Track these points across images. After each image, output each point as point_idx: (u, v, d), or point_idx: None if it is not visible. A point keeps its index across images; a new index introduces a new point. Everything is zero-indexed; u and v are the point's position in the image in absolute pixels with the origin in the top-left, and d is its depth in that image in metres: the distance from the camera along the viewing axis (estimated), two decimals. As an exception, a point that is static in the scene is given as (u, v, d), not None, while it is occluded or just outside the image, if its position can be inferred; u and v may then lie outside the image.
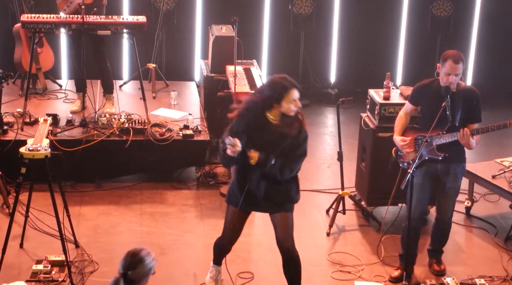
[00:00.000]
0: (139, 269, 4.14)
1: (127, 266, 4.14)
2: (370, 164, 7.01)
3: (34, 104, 8.54)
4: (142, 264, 4.15)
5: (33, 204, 6.26)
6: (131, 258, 4.16)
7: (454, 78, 5.78)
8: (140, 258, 4.16)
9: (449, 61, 5.76)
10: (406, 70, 10.60)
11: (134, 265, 4.14)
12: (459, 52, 5.84)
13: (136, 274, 4.13)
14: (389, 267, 6.31)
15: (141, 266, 4.14)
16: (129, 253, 4.19)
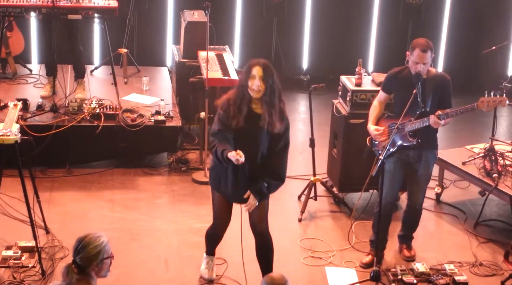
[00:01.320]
0: (86, 253, 4.02)
1: (75, 251, 4.06)
2: (342, 150, 7.03)
3: (3, 89, 8.45)
4: (89, 247, 4.03)
5: (2, 189, 6.21)
6: (77, 243, 4.06)
7: (422, 66, 5.82)
8: (86, 242, 4.05)
9: (417, 50, 5.79)
10: (378, 57, 10.63)
11: (81, 250, 4.04)
12: (428, 41, 5.87)
13: (84, 259, 4.03)
14: (360, 253, 6.34)
15: (88, 249, 4.03)
16: (77, 238, 4.10)
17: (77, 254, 4.04)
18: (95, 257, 4.05)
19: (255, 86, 5.27)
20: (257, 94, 5.30)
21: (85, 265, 4.04)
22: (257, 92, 5.29)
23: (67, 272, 4.06)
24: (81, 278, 4.05)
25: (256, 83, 5.27)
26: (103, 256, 4.08)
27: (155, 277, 5.92)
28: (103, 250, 4.08)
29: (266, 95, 5.31)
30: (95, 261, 4.05)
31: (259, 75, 5.27)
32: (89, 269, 4.05)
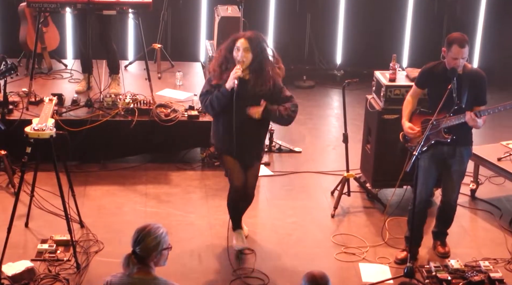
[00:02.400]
0: (145, 243, 4.09)
1: (135, 241, 4.12)
2: (376, 146, 6.99)
3: (39, 84, 8.53)
4: (148, 238, 4.09)
5: (38, 183, 6.27)
6: (137, 234, 4.12)
7: (461, 61, 5.76)
8: (146, 232, 4.11)
9: (454, 46, 5.72)
10: (412, 52, 10.55)
11: (140, 240, 4.11)
12: (464, 35, 5.80)
13: (143, 249, 4.09)
14: (393, 249, 6.31)
15: (148, 240, 4.09)
16: (137, 229, 4.16)
17: (137, 245, 4.10)
18: (155, 248, 4.11)
19: (239, 57, 5.68)
20: (243, 65, 5.69)
21: (144, 255, 4.10)
22: (242, 63, 5.68)
23: (127, 262, 4.12)
24: (140, 267, 4.11)
25: (240, 55, 5.68)
26: (162, 246, 4.14)
27: (189, 270, 5.94)
28: (162, 241, 4.14)
29: (253, 64, 5.74)
30: (155, 251, 4.11)
31: (244, 47, 5.69)
32: (149, 260, 4.11)
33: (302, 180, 7.56)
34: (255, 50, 5.72)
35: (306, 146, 8.31)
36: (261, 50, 5.75)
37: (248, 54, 5.71)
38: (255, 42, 5.73)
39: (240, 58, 5.70)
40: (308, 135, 8.63)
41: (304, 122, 8.97)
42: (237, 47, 5.72)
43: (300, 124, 8.89)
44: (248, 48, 5.70)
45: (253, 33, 5.80)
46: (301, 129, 8.77)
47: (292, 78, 10.26)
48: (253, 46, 5.72)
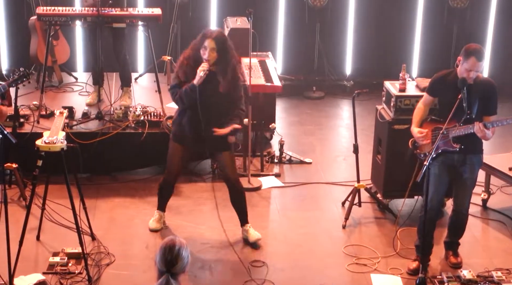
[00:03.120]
0: (181, 261, 4.06)
1: (169, 262, 4.04)
2: (386, 156, 6.98)
3: (50, 97, 8.57)
4: (181, 255, 4.07)
5: (49, 196, 6.29)
6: (170, 253, 4.05)
7: (475, 73, 5.74)
8: (178, 250, 4.07)
9: (472, 58, 5.69)
10: (422, 62, 10.55)
11: (175, 260, 4.04)
12: (482, 48, 5.77)
13: (179, 268, 4.06)
14: (405, 260, 6.29)
15: (182, 257, 4.07)
16: (165, 248, 4.07)
17: (173, 265, 4.04)
18: (187, 261, 4.11)
19: (205, 56, 6.00)
20: (210, 63, 6.01)
21: (178, 273, 4.07)
22: (208, 61, 6.00)
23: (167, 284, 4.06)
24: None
25: (207, 54, 5.99)
26: (189, 259, 4.15)
27: (200, 282, 5.93)
28: (188, 251, 4.14)
29: (218, 64, 6.04)
30: (187, 264, 4.12)
31: (211, 47, 5.98)
32: (180, 274, 4.09)
33: (312, 191, 7.55)
34: (221, 50, 6.02)
35: (317, 157, 8.31)
36: (226, 51, 6.06)
37: (214, 54, 6.00)
38: (221, 42, 6.02)
39: (206, 57, 6.00)
40: (318, 146, 8.62)
41: (314, 133, 8.97)
42: (204, 46, 6.01)
43: (310, 135, 8.90)
44: (215, 48, 5.99)
45: (219, 33, 6.11)
46: (311, 140, 8.77)
47: (302, 89, 10.28)
48: (218, 46, 6.01)
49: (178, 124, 6.29)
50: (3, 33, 9.85)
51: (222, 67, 6.07)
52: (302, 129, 9.07)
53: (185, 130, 6.22)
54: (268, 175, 7.80)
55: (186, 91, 6.07)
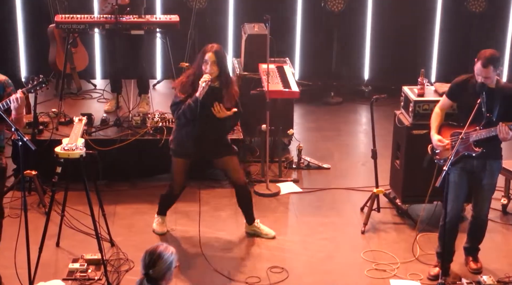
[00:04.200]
0: (159, 265, 4.12)
1: (147, 265, 4.13)
2: (405, 161, 6.95)
3: (68, 104, 8.61)
4: (161, 260, 4.13)
5: (68, 203, 6.32)
6: (149, 257, 4.14)
7: (485, 79, 5.72)
8: (158, 255, 4.14)
9: (478, 63, 5.71)
10: (440, 67, 10.51)
11: (153, 263, 4.12)
12: (493, 54, 5.71)
13: (157, 272, 4.12)
14: (424, 265, 6.26)
15: (160, 262, 4.12)
16: (146, 252, 4.18)
17: (150, 268, 4.10)
18: (168, 269, 4.14)
19: (208, 70, 6.10)
20: (212, 76, 6.11)
21: (158, 278, 4.10)
22: (211, 75, 6.10)
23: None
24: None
25: (208, 68, 6.10)
26: (173, 266, 4.18)
27: (219, 289, 5.94)
28: (173, 261, 4.17)
29: (220, 77, 6.17)
30: (168, 272, 4.14)
31: (212, 60, 6.10)
32: (161, 281, 4.12)
33: (331, 197, 7.53)
34: (220, 63, 6.15)
35: (335, 162, 8.29)
36: (225, 65, 6.22)
37: (215, 67, 6.12)
38: (220, 56, 6.16)
39: (208, 70, 6.11)
40: (336, 152, 8.61)
41: (333, 139, 8.95)
42: (205, 60, 6.13)
43: (328, 140, 8.88)
44: (215, 61, 6.12)
45: (219, 47, 6.22)
46: (329, 145, 8.75)
47: (320, 94, 10.27)
48: (219, 60, 6.14)
49: (178, 140, 6.38)
50: (22, 41, 9.92)
51: (224, 80, 6.21)
52: (320, 135, 9.06)
53: (186, 145, 6.30)
54: (286, 180, 7.80)
55: (190, 106, 6.13)
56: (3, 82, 5.56)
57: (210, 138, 6.28)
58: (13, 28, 9.86)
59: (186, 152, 6.35)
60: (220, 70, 6.17)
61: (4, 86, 5.54)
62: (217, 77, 6.19)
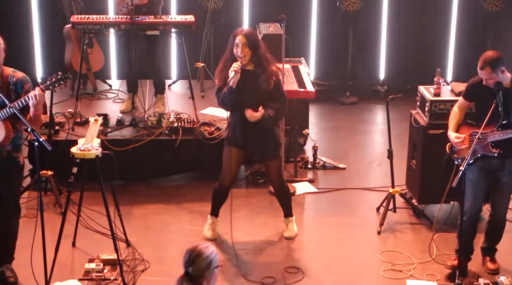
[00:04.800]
0: (198, 264, 4.09)
1: (187, 262, 4.12)
2: (421, 161, 6.92)
3: (84, 104, 8.64)
4: (200, 258, 4.10)
5: (84, 203, 6.34)
6: (189, 254, 4.13)
7: (485, 81, 5.71)
8: (197, 253, 4.12)
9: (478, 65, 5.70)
10: (457, 66, 10.46)
11: (192, 261, 4.11)
12: (490, 56, 5.70)
13: (196, 270, 4.10)
14: (441, 266, 6.22)
15: (200, 260, 4.10)
16: (187, 250, 4.17)
17: (189, 266, 4.10)
18: (207, 267, 4.12)
19: (239, 53, 6.02)
20: (244, 60, 6.03)
21: (197, 276, 4.10)
22: (243, 58, 6.02)
23: (180, 283, 4.11)
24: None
25: (239, 50, 6.02)
26: (213, 265, 4.15)
27: (234, 289, 5.94)
28: (213, 260, 4.15)
29: (253, 60, 6.06)
30: (207, 271, 4.12)
31: (242, 42, 6.02)
32: (201, 280, 4.11)
33: (347, 197, 7.51)
34: (252, 45, 6.05)
35: (351, 162, 8.26)
36: (258, 46, 6.10)
37: (246, 49, 6.03)
38: (251, 37, 6.07)
39: (239, 53, 6.02)
40: (352, 152, 8.58)
41: (348, 139, 8.92)
42: (236, 44, 6.05)
43: (344, 140, 8.86)
44: (246, 44, 6.02)
45: (249, 29, 6.24)
46: (345, 145, 8.73)
47: (335, 94, 10.24)
48: (249, 42, 6.03)
49: (230, 127, 6.35)
50: (38, 41, 9.96)
51: (257, 62, 6.11)
52: (335, 135, 9.04)
53: (236, 133, 6.27)
54: (302, 180, 7.78)
55: (225, 94, 6.11)
56: (21, 79, 5.57)
57: (255, 131, 6.19)
58: (29, 29, 9.90)
59: (236, 141, 6.29)
60: (253, 52, 6.07)
61: (22, 83, 5.55)
62: (251, 60, 6.10)
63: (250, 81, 6.09)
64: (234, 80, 6.04)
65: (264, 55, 6.14)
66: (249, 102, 6.10)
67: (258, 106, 6.09)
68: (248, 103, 6.10)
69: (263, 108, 6.10)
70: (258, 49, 6.11)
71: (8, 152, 5.63)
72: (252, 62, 6.11)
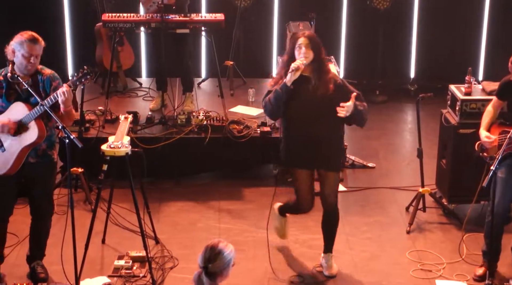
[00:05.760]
0: (218, 261, 4.18)
1: (207, 259, 4.18)
2: (451, 161, 6.88)
3: (115, 102, 8.69)
4: (221, 255, 4.19)
5: (114, 200, 6.37)
6: (210, 251, 4.20)
7: None
8: (219, 251, 4.20)
9: None
10: (488, 65, 10.36)
11: (213, 258, 4.18)
12: None
13: (216, 267, 4.17)
14: (471, 266, 6.18)
15: (220, 258, 4.19)
16: (207, 246, 4.24)
17: (209, 262, 4.16)
18: (227, 264, 4.20)
19: (302, 54, 5.58)
20: (307, 61, 5.59)
21: (217, 272, 4.18)
22: (306, 59, 5.59)
23: (198, 279, 4.19)
24: (211, 284, 4.18)
25: (303, 51, 5.59)
26: (231, 263, 4.24)
27: None
28: (231, 258, 4.23)
29: (315, 63, 5.64)
30: (227, 268, 4.20)
31: (305, 43, 5.60)
32: (218, 275, 4.19)
33: (376, 196, 7.48)
34: (315, 48, 5.64)
35: (380, 161, 8.23)
36: (320, 49, 5.69)
37: (309, 51, 5.61)
38: (314, 40, 5.68)
39: (302, 54, 5.60)
40: (381, 151, 8.54)
41: (378, 138, 8.88)
42: (298, 45, 5.64)
43: (373, 139, 8.82)
44: (309, 45, 5.61)
45: (311, 33, 5.82)
46: (374, 144, 8.69)
47: (365, 93, 10.07)
48: (313, 44, 5.64)
49: (286, 147, 5.86)
50: (69, 40, 10.03)
51: (317, 68, 5.67)
52: (364, 134, 8.99)
53: (294, 151, 5.80)
54: (331, 179, 7.74)
55: (277, 91, 5.66)
56: (49, 76, 5.61)
57: (318, 142, 5.72)
58: (61, 27, 9.97)
59: (300, 160, 5.80)
60: (315, 55, 5.63)
61: (50, 80, 5.60)
62: (311, 64, 5.65)
63: (305, 88, 5.66)
64: (292, 78, 5.57)
65: (324, 61, 5.74)
66: (305, 112, 5.67)
67: (315, 116, 5.66)
68: (304, 113, 5.68)
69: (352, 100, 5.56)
70: (321, 53, 5.68)
71: (43, 150, 5.68)
72: (311, 67, 5.66)
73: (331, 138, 5.79)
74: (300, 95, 5.66)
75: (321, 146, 5.74)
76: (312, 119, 5.68)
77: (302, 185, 5.92)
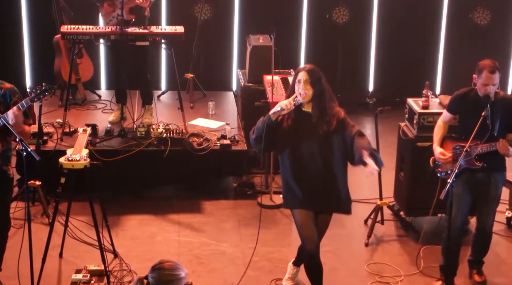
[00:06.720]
0: (159, 274, 4.05)
1: (152, 267, 4.12)
2: (409, 173, 6.95)
3: (73, 114, 8.62)
4: (164, 272, 4.05)
5: (72, 213, 6.32)
6: (158, 263, 4.11)
7: (492, 88, 5.74)
8: (165, 266, 4.08)
9: (484, 72, 5.71)
10: (445, 79, 10.50)
11: (157, 269, 4.08)
12: (494, 61, 5.78)
13: (155, 279, 4.06)
14: (428, 278, 6.24)
15: (163, 273, 4.06)
16: (161, 259, 4.15)
17: (152, 272, 4.09)
18: (165, 283, 4.06)
19: (301, 90, 5.40)
20: (305, 98, 5.41)
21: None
22: (304, 96, 5.41)
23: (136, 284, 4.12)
24: None
25: (301, 87, 5.40)
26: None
27: (222, 301, 5.93)
28: (175, 283, 4.08)
29: (315, 99, 5.44)
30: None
31: (305, 79, 5.41)
32: None
33: (335, 209, 7.50)
34: (316, 83, 5.43)
35: (339, 174, 8.26)
36: (322, 84, 5.47)
37: (309, 87, 5.39)
38: (315, 75, 5.45)
39: (301, 90, 5.38)
40: (340, 164, 8.57)
41: (337, 151, 8.92)
42: (298, 80, 5.43)
43: (332, 152, 8.85)
44: (308, 81, 5.40)
45: (312, 66, 5.54)
46: (333, 157, 8.72)
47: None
48: (312, 79, 5.42)
49: (287, 187, 5.59)
50: (27, 51, 9.95)
51: (318, 104, 5.45)
52: (324, 147, 9.04)
53: (296, 192, 5.54)
54: (290, 192, 7.76)
55: (258, 124, 5.50)
56: (9, 90, 5.56)
57: (317, 178, 5.48)
58: (19, 39, 9.89)
59: (300, 201, 5.51)
60: (315, 91, 5.41)
61: (10, 95, 5.55)
62: (312, 100, 5.44)
63: (306, 125, 5.45)
64: (276, 113, 5.40)
65: (326, 97, 5.48)
66: (305, 150, 5.44)
67: (316, 154, 5.43)
68: (304, 151, 5.44)
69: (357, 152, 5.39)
70: (322, 88, 5.46)
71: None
72: (312, 103, 5.45)
73: (336, 177, 5.57)
74: (301, 132, 5.47)
75: (325, 186, 5.52)
76: (311, 157, 5.46)
77: (302, 224, 5.53)
